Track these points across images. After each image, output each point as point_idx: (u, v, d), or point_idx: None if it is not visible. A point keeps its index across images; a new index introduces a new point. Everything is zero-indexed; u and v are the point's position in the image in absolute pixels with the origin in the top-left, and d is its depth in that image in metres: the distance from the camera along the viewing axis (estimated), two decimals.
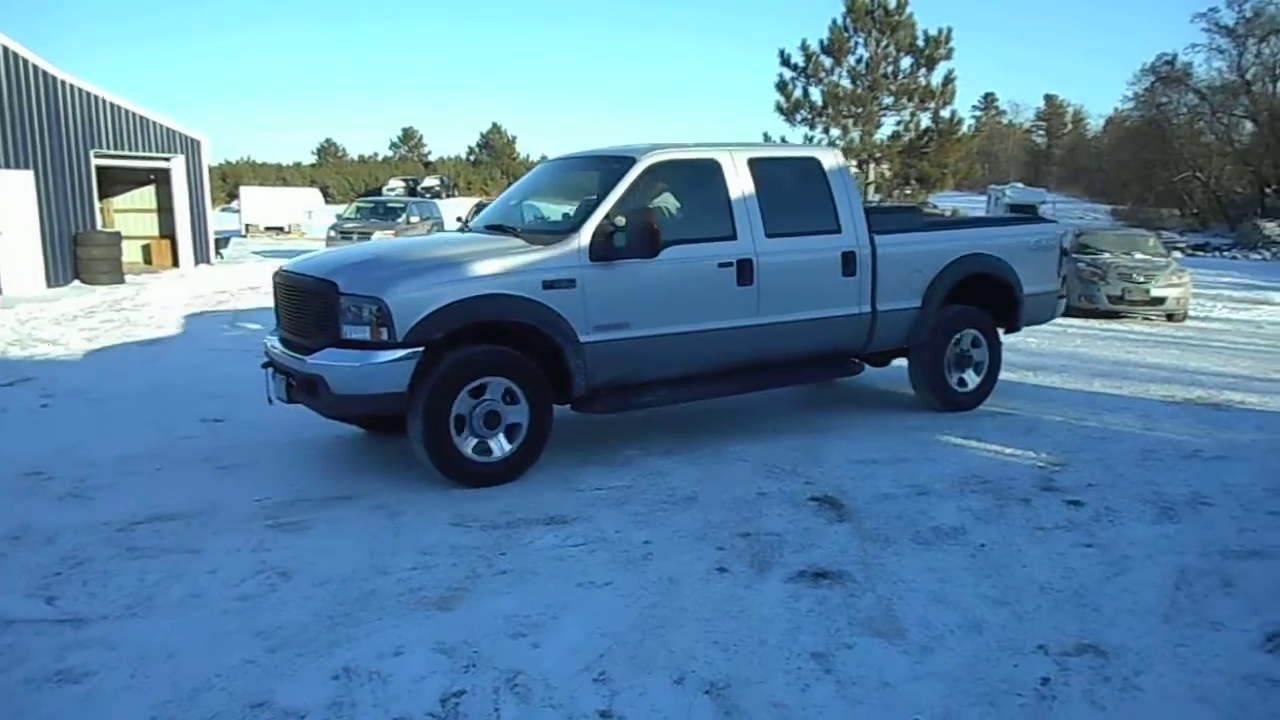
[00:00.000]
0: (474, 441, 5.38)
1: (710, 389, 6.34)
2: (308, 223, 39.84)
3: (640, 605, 3.81)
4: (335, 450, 6.11)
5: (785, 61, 26.34)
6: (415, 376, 5.15)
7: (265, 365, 5.99)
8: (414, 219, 24.56)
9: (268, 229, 38.84)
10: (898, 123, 26.23)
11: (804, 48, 26.12)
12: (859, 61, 25.95)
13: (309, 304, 5.55)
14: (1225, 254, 31.01)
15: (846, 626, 3.63)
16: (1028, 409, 7.43)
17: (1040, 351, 10.15)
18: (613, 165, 6.15)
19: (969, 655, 3.39)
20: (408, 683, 3.16)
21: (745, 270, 6.14)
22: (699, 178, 6.31)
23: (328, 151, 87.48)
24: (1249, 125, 40.23)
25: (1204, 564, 4.25)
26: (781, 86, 26.39)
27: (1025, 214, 15.51)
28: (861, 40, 25.85)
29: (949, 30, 25.35)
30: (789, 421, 6.99)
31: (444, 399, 5.23)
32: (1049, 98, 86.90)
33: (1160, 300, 13.70)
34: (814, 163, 6.81)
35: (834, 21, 25.87)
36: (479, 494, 5.20)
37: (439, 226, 26.30)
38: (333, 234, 23.66)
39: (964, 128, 26.57)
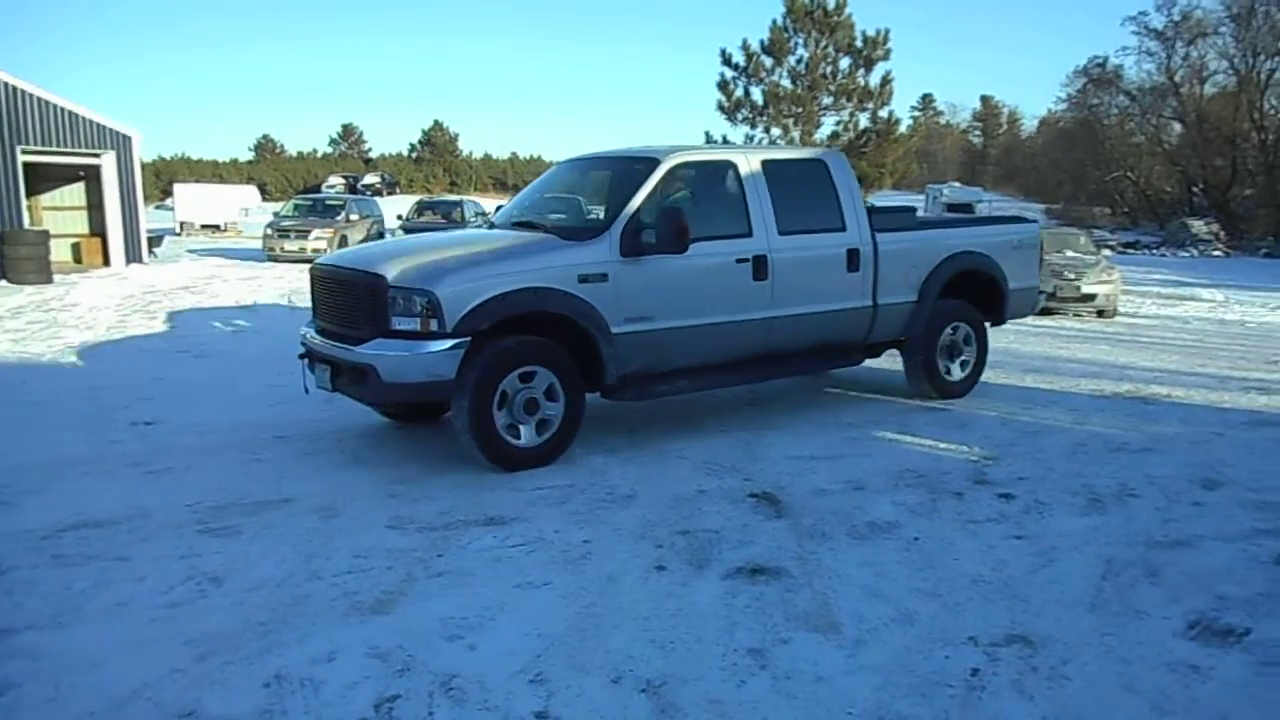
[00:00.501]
0: (517, 429, 5.67)
1: (726, 378, 6.69)
2: (244, 221, 39.09)
3: (578, 605, 3.80)
4: (271, 454, 6.00)
5: (726, 61, 26.47)
6: (462, 365, 5.40)
7: (302, 356, 6.22)
8: (353, 217, 24.21)
9: (203, 227, 37.96)
10: (837, 123, 26.52)
11: (745, 47, 26.28)
12: (799, 62, 26.17)
13: (356, 296, 5.74)
14: (1155, 252, 31.90)
15: (783, 622, 3.66)
16: (962, 404, 7.57)
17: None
18: (637, 166, 6.44)
19: (901, 648, 3.45)
20: (340, 689, 3.11)
21: (760, 266, 6.46)
22: (717, 178, 6.65)
23: (265, 148, 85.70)
24: (1177, 126, 41.39)
25: (1129, 554, 4.37)
26: (723, 86, 26.53)
27: (963, 213, 15.85)
28: (801, 41, 26.07)
29: (887, 31, 25.70)
30: (729, 419, 7.04)
31: (489, 386, 5.49)
32: (985, 99, 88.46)
33: (1091, 297, 14.05)
34: (820, 164, 7.16)
35: (774, 22, 26.06)
36: (416, 495, 5.15)
37: (379, 225, 26.00)
38: (269, 232, 23.27)
39: (902, 128, 26.96)
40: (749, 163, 6.68)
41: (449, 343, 5.37)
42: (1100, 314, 14.17)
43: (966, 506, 5.05)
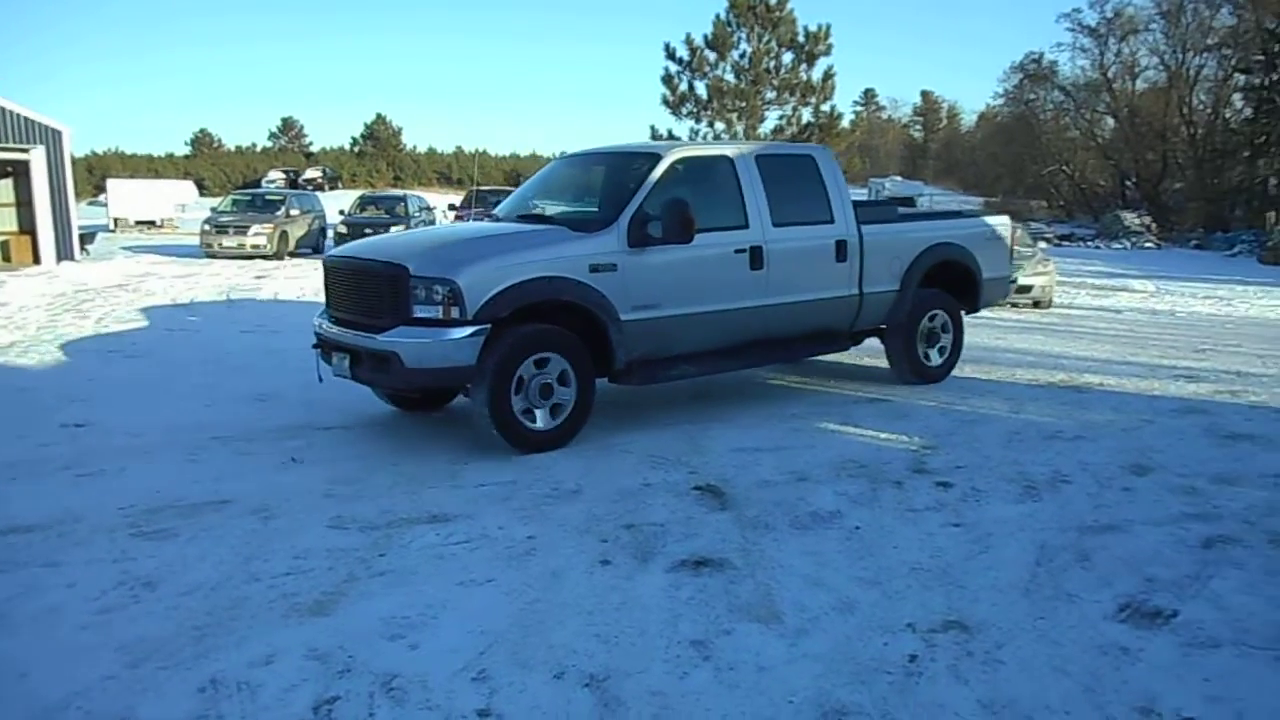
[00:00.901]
0: (533, 412, 5.92)
1: (725, 363, 6.97)
2: (181, 217, 38.22)
3: (522, 601, 3.79)
4: (207, 455, 5.89)
5: (671, 55, 26.54)
6: (482, 351, 5.63)
7: (315, 346, 6.49)
8: (294, 212, 23.83)
9: (138, 223, 37.03)
10: (780, 117, 26.72)
11: (688, 42, 26.37)
12: (742, 56, 26.32)
13: (377, 286, 5.92)
14: (1089, 244, 32.63)
15: (726, 613, 3.69)
16: (902, 395, 7.69)
17: None
18: (640, 161, 6.74)
19: (842, 636, 3.49)
20: (278, 692, 3.07)
21: (757, 256, 6.77)
22: (714, 172, 6.91)
23: (203, 142, 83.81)
24: (1110, 121, 42.34)
25: (1062, 539, 4.47)
26: (667, 80, 26.60)
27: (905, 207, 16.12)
28: (744, 35, 26.22)
29: (828, 27, 25.97)
30: (674, 412, 7.06)
31: (508, 371, 5.73)
32: (925, 94, 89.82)
33: (1027, 288, 14.32)
34: (810, 160, 7.52)
35: (717, 16, 26.18)
36: (357, 495, 5.09)
37: (321, 220, 25.61)
38: (207, 228, 22.80)
39: (844, 122, 27.27)
40: (744, 157, 6.97)
41: (470, 329, 5.60)
42: (1036, 305, 14.47)
43: (906, 495, 5.13)
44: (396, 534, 4.52)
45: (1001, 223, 8.85)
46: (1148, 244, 32.08)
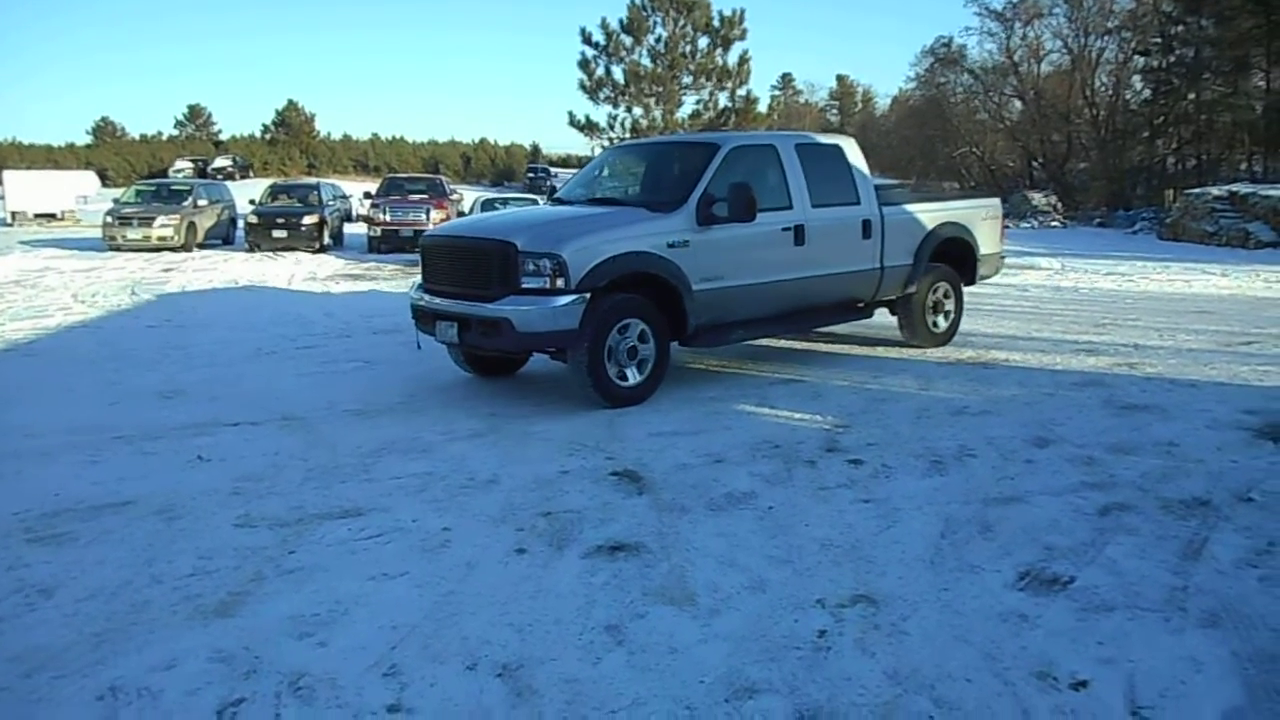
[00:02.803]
0: (615, 369, 6.68)
1: (772, 328, 7.94)
2: (83, 209, 36.72)
3: (436, 594, 3.76)
4: (109, 455, 5.69)
5: (587, 40, 26.47)
6: (583, 317, 6.36)
7: (414, 317, 7.31)
8: (202, 202, 23.11)
9: (37, 216, 35.46)
10: (698, 101, 26.89)
11: (604, 26, 26.33)
12: (658, 41, 26.38)
13: (487, 261, 6.64)
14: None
15: (640, 597, 3.71)
16: (816, 375, 7.82)
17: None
18: (700, 150, 7.59)
19: (753, 614, 3.54)
20: (180, 696, 2.99)
21: (799, 234, 7.58)
22: (764, 159, 7.70)
23: (105, 131, 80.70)
24: (1018, 103, 43.35)
25: (966, 512, 4.60)
26: (584, 65, 26.52)
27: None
28: (660, 20, 26.25)
29: (742, 12, 26.19)
30: (591, 398, 7.04)
31: (603, 335, 6.51)
32: (841, 78, 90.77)
33: None
34: (839, 148, 8.39)
35: (632, 1, 26.10)
36: (267, 492, 4.97)
37: (230, 210, 24.93)
38: (110, 220, 21.98)
39: (760, 106, 27.51)
40: (786, 145, 7.84)
41: (573, 297, 6.36)
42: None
43: (818, 474, 5.22)
44: (307, 530, 4.43)
45: (993, 204, 9.81)
46: (1054, 223, 33.05)
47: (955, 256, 9.10)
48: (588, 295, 6.40)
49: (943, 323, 9.10)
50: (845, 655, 3.23)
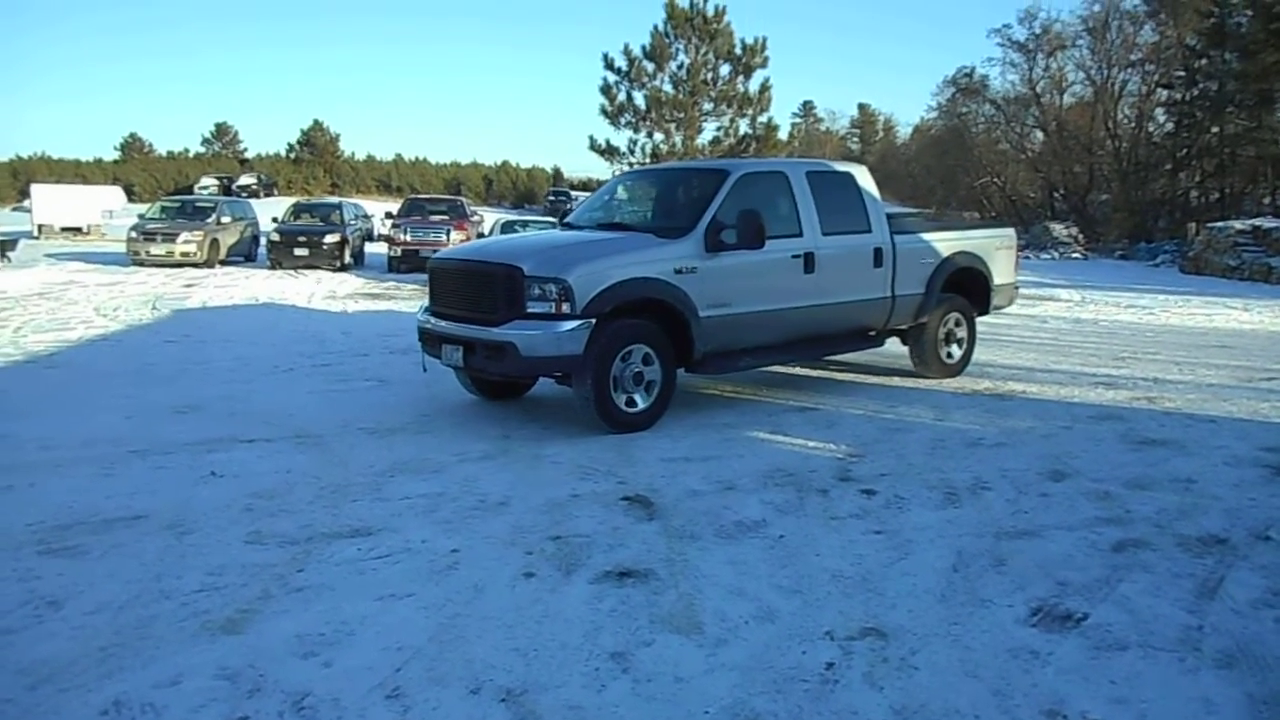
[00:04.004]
0: (624, 397, 6.68)
1: (780, 356, 7.85)
2: (109, 223, 37.15)
3: (442, 616, 3.75)
4: (123, 468, 5.72)
5: (609, 65, 26.58)
6: (588, 342, 6.34)
7: (421, 340, 7.30)
8: (225, 219, 23.32)
9: (64, 230, 35.90)
10: (718, 128, 26.92)
11: (626, 52, 26.43)
12: (680, 67, 26.47)
13: (493, 285, 6.62)
14: (1019, 254, 33.38)
15: (647, 624, 3.68)
16: (831, 404, 7.78)
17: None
18: (709, 176, 7.58)
19: (761, 645, 3.51)
20: (184, 713, 2.98)
21: (809, 261, 7.54)
22: (774, 186, 7.67)
23: (133, 147, 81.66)
24: (1039, 134, 43.36)
25: (979, 545, 4.55)
26: (606, 90, 26.63)
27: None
28: (682, 47, 26.38)
29: (764, 40, 26.24)
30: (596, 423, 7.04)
31: (609, 360, 6.49)
32: (862, 107, 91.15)
33: None
34: (850, 176, 8.36)
35: (655, 27, 26.31)
36: (278, 509, 4.98)
37: (253, 228, 25.14)
38: (134, 235, 22.21)
39: (781, 134, 27.56)
40: (796, 173, 7.79)
41: (578, 322, 6.33)
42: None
43: (831, 503, 5.19)
44: (316, 549, 4.43)
45: (1008, 234, 9.67)
46: (1075, 254, 32.89)
47: (969, 286, 9.03)
48: (593, 321, 6.38)
49: (956, 353, 9.03)
50: (853, 689, 3.19)
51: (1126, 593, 4.01)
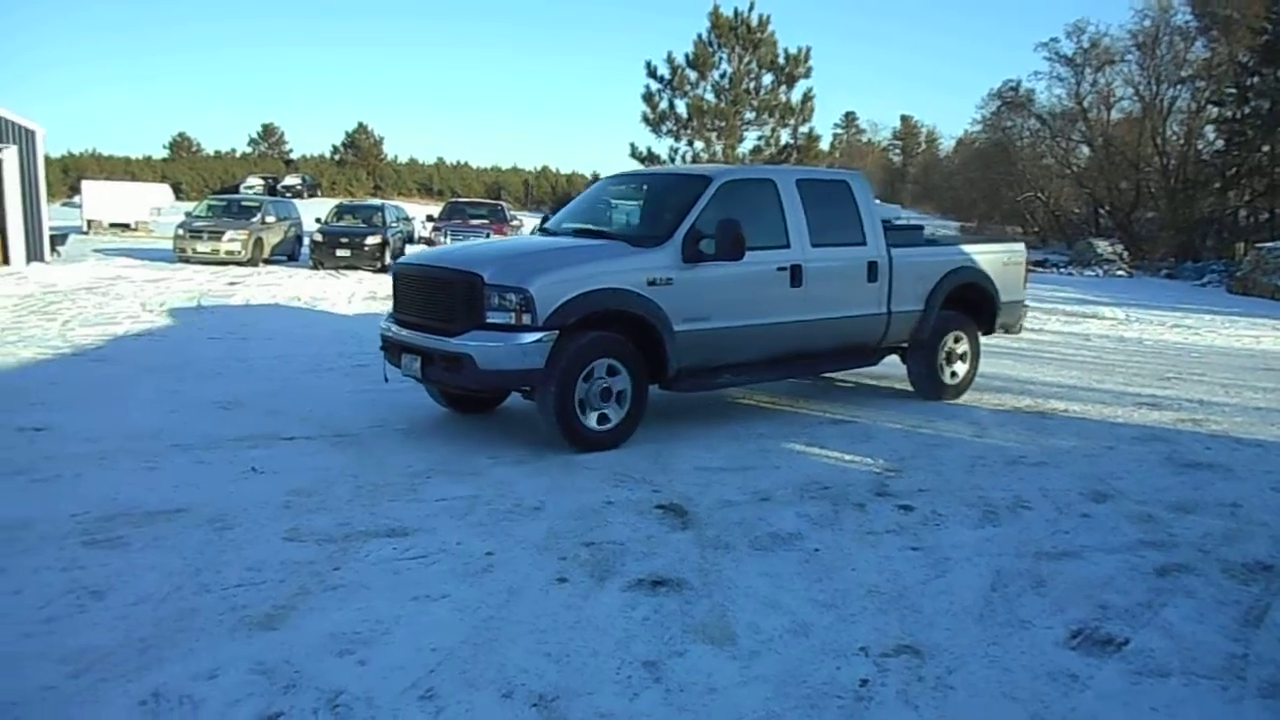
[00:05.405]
0: (593, 415, 6.33)
1: (764, 374, 7.43)
2: (156, 220, 37.89)
3: (476, 618, 3.76)
4: (166, 462, 5.81)
5: (652, 74, 26.67)
6: (549, 356, 6.01)
7: (382, 348, 6.93)
8: (270, 219, 23.64)
9: (112, 225, 36.67)
10: (759, 137, 26.91)
11: (670, 60, 26.50)
12: (723, 76, 26.50)
13: (452, 293, 6.29)
14: (1062, 270, 32.93)
15: (680, 634, 3.67)
16: (868, 417, 7.72)
17: (884, 361, 10.53)
18: (691, 183, 7.21)
19: (794, 659, 3.48)
20: (221, 706, 3.02)
21: (796, 274, 7.17)
22: (760, 194, 7.27)
23: (181, 146, 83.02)
24: (1085, 149, 42.80)
25: (1019, 565, 4.49)
26: (648, 98, 26.71)
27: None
28: (725, 55, 26.40)
29: (808, 50, 26.21)
30: (641, 429, 7.01)
31: (573, 375, 6.13)
32: (905, 118, 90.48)
33: None
34: (845, 185, 7.92)
35: (699, 36, 26.35)
36: (317, 507, 5.04)
37: (297, 227, 25.45)
38: (181, 232, 22.59)
39: (822, 144, 27.47)
40: (786, 181, 7.42)
41: (539, 335, 5.99)
42: (1006, 329, 14.52)
43: (867, 518, 5.14)
44: (353, 547, 4.47)
45: (1017, 249, 9.18)
46: (1120, 272, 32.42)
47: (973, 303, 8.61)
48: (556, 333, 6.03)
49: (959, 372, 8.56)
50: (887, 706, 3.16)
51: (1169, 618, 3.94)
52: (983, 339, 8.95)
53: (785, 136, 26.59)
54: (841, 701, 3.19)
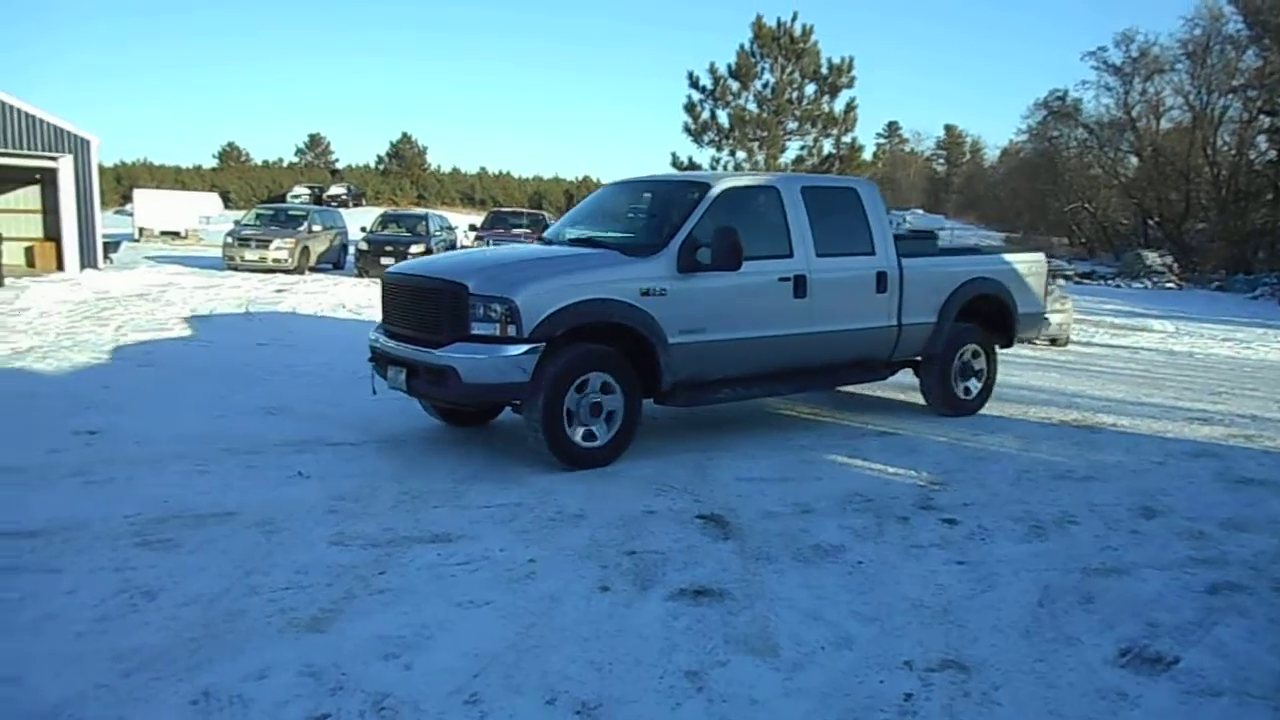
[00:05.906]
0: (581, 430, 6.08)
1: (765, 388, 7.13)
2: (206, 228, 38.64)
3: (519, 625, 3.78)
4: (216, 466, 5.92)
5: (694, 84, 26.74)
6: (536, 368, 5.79)
7: (371, 360, 6.72)
8: (316, 228, 24.03)
9: (163, 233, 37.48)
10: (801, 147, 26.90)
11: (712, 70, 26.58)
12: (765, 86, 26.51)
13: (437, 303, 6.09)
14: (1110, 282, 32.47)
15: (722, 644, 3.66)
16: (912, 429, 7.65)
17: None
18: (689, 190, 6.96)
19: (838, 671, 3.46)
20: (270, 707, 3.07)
21: (800, 285, 6.91)
22: (761, 202, 7.08)
23: (230, 155, 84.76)
24: (1134, 160, 42.20)
25: (1066, 581, 4.43)
26: (690, 108, 26.79)
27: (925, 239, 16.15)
28: (768, 66, 26.42)
29: (851, 60, 26.16)
30: (681, 439, 7.05)
31: (561, 389, 5.89)
32: (949, 128, 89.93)
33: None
34: (853, 192, 7.66)
35: (741, 46, 26.39)
36: (361, 511, 5.10)
37: (343, 236, 25.82)
38: (230, 240, 23.02)
39: (865, 154, 27.34)
40: (790, 188, 7.15)
41: (525, 347, 5.77)
42: (1053, 342, 14.38)
43: (911, 531, 5.10)
44: (397, 552, 4.52)
45: (1036, 259, 8.92)
46: (1169, 284, 31.88)
47: (989, 315, 8.31)
48: (543, 345, 5.81)
49: (974, 387, 8.29)
50: None
51: (1221, 637, 3.86)
52: (1012, 351, 8.77)
53: (828, 146, 26.54)
54: (885, 715, 3.16)
